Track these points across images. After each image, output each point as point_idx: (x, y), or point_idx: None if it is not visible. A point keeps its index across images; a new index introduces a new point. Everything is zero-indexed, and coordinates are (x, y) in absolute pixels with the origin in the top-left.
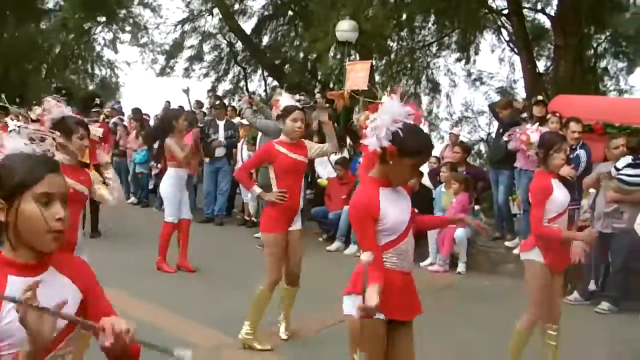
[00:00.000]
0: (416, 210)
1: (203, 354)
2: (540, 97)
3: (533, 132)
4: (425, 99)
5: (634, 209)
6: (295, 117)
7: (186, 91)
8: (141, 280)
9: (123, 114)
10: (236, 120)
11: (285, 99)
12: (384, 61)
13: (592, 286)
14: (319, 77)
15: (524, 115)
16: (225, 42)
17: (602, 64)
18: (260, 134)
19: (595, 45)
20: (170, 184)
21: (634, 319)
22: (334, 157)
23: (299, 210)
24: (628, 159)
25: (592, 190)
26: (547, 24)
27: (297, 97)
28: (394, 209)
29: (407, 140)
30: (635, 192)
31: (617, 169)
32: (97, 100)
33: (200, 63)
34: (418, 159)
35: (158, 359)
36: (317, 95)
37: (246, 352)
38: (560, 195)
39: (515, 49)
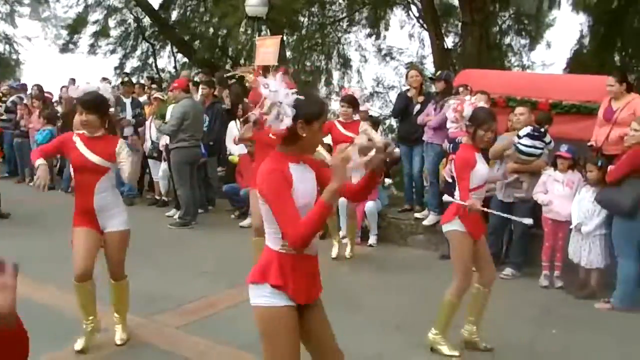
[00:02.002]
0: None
1: (113, 336)
2: (437, 74)
3: (468, 106)
4: (336, 75)
5: (532, 179)
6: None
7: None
8: (46, 264)
9: (25, 92)
10: (142, 98)
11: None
12: (294, 37)
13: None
14: (229, 53)
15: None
16: (132, 17)
17: (507, 40)
18: (171, 111)
19: (500, 22)
20: None
21: (535, 283)
22: None
23: (99, 212)
24: (528, 129)
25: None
26: (455, 1)
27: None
28: (303, 186)
29: (307, 107)
30: (532, 162)
31: (519, 137)
32: None
33: (106, 39)
34: (323, 117)
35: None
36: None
37: (158, 331)
38: (482, 168)
39: (425, 25)
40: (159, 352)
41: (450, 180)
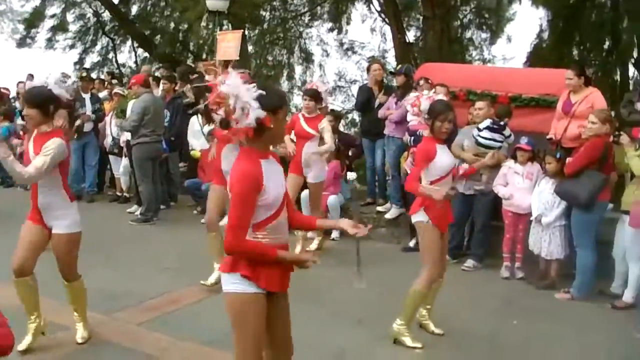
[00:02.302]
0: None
1: (74, 334)
2: (398, 67)
3: (425, 100)
4: (298, 69)
5: (491, 171)
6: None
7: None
8: (5, 263)
9: None
10: (102, 93)
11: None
12: (256, 31)
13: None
14: (190, 48)
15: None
16: (92, 11)
17: (468, 34)
18: (131, 107)
19: (461, 16)
20: None
21: (496, 274)
22: (207, 128)
23: (43, 210)
24: (488, 121)
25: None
26: None
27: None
28: (274, 181)
29: (269, 98)
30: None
31: (479, 129)
32: None
33: (64, 33)
34: (285, 107)
35: None
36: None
37: (120, 329)
38: (443, 159)
39: (386, 20)
40: (121, 349)
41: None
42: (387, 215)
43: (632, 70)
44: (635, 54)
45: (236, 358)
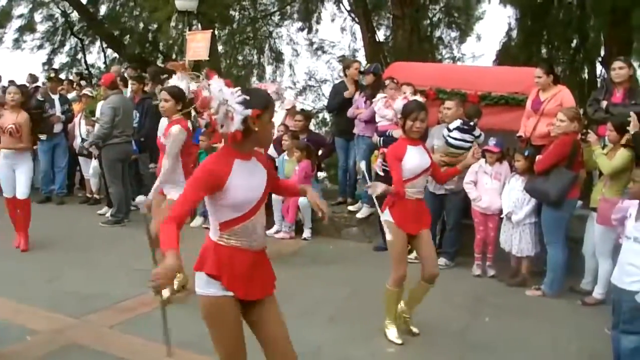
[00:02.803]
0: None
1: (44, 338)
2: (366, 67)
3: (401, 100)
4: (269, 69)
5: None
6: None
7: None
8: None
9: None
10: (71, 95)
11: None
12: (226, 31)
13: None
14: (160, 48)
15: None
16: (60, 11)
17: (437, 33)
18: (100, 108)
19: (430, 15)
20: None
21: (468, 272)
22: None
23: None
24: (458, 122)
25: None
26: None
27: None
28: (244, 184)
29: (254, 101)
30: (461, 156)
31: (449, 130)
32: None
33: (32, 34)
34: (271, 109)
35: None
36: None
37: (91, 331)
38: (412, 160)
39: (356, 19)
40: (92, 352)
41: (382, 173)
42: (358, 215)
43: (599, 69)
44: (602, 53)
45: (220, 358)
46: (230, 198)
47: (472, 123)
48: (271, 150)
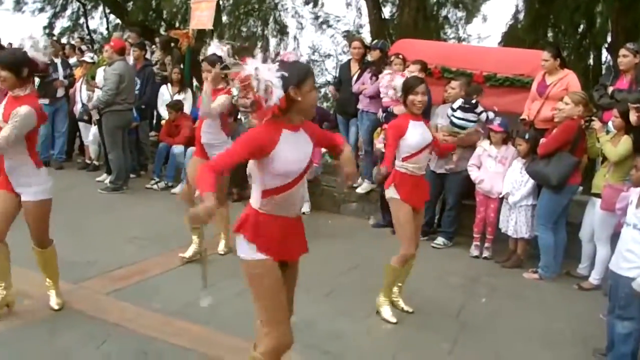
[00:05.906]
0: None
1: (40, 302)
2: (373, 42)
3: (399, 77)
4: (273, 41)
5: (463, 151)
6: None
7: None
8: None
9: None
10: (73, 59)
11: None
12: (231, 1)
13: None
14: (163, 16)
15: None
16: None
17: (443, 12)
18: (101, 73)
19: None
20: None
21: (466, 252)
22: (178, 97)
23: (9, 175)
24: (460, 101)
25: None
26: None
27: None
28: (289, 155)
29: (293, 72)
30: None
31: (453, 109)
32: None
33: None
34: (311, 78)
35: None
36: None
37: (87, 297)
38: (414, 136)
39: None
40: (88, 318)
41: (384, 150)
42: (359, 190)
43: (605, 55)
44: (609, 39)
45: (256, 313)
46: (275, 166)
47: (473, 101)
48: None
